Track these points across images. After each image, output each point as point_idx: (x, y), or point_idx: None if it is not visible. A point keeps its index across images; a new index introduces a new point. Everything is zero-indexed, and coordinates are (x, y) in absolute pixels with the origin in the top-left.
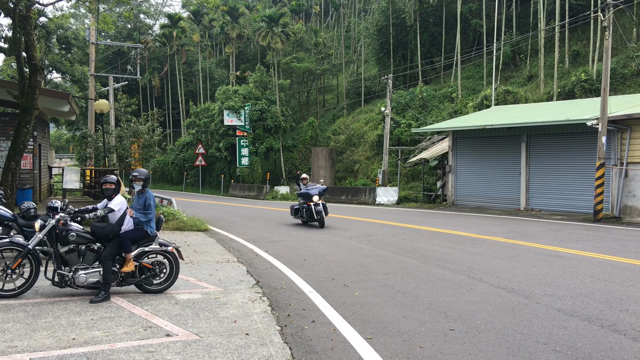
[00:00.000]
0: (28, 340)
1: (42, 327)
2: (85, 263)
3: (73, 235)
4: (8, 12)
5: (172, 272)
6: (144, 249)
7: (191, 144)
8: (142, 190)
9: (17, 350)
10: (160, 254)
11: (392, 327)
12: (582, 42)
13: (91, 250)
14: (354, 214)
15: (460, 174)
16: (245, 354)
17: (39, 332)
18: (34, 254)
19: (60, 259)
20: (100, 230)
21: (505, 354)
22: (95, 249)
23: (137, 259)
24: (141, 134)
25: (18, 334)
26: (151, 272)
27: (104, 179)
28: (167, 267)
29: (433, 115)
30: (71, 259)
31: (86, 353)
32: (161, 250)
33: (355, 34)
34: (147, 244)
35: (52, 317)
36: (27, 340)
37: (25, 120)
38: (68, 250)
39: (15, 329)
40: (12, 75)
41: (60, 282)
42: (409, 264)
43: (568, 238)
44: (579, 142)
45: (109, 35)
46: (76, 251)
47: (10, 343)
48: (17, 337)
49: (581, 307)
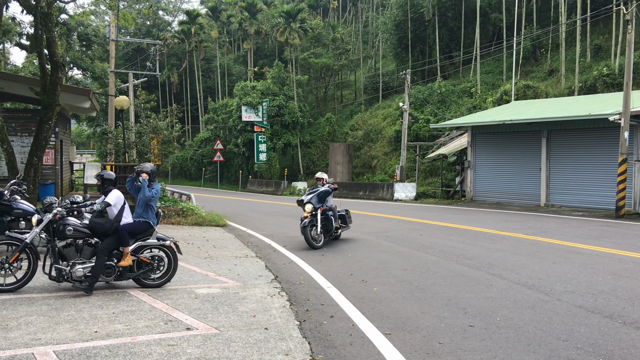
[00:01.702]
0: (51, 332)
1: (64, 320)
2: (83, 257)
3: (70, 230)
4: (30, 10)
5: (171, 267)
6: (142, 243)
7: (209, 139)
8: (149, 184)
9: (41, 342)
10: (158, 249)
11: (411, 322)
12: (604, 35)
13: (89, 245)
14: (371, 210)
15: (479, 169)
16: (265, 348)
17: (61, 325)
18: (31, 248)
19: (57, 253)
20: (99, 227)
21: (526, 350)
22: (93, 243)
23: (135, 253)
24: (160, 130)
25: (41, 326)
26: (149, 267)
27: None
28: (166, 261)
29: (452, 111)
30: (68, 254)
31: (108, 346)
32: (159, 245)
33: (373, 29)
34: (145, 238)
35: (74, 310)
36: (51, 332)
37: (47, 116)
38: (65, 245)
39: (39, 322)
40: (34, 72)
41: (58, 276)
42: (428, 260)
43: (589, 234)
44: (601, 138)
45: (129, 32)
46: (73, 245)
47: (34, 335)
48: (40, 329)
49: (603, 304)
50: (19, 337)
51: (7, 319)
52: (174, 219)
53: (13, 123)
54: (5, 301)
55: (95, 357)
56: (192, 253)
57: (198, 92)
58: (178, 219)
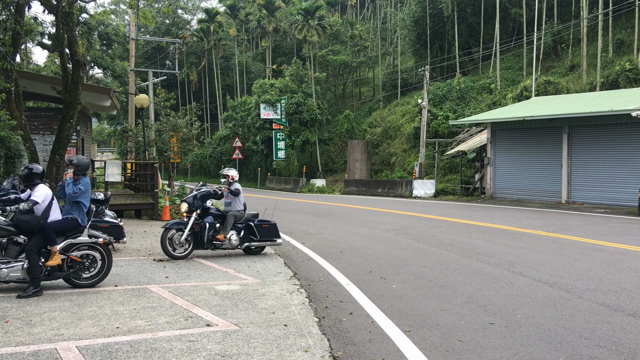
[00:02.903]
0: (74, 328)
1: (87, 315)
2: (8, 257)
3: None
4: (51, 9)
5: (104, 266)
6: (72, 241)
7: (228, 137)
8: (75, 178)
9: (64, 338)
10: (90, 247)
11: (431, 320)
12: (626, 30)
13: (14, 244)
14: (390, 207)
15: (499, 166)
16: (284, 344)
17: (84, 320)
18: None
19: None
20: (24, 224)
21: (547, 348)
22: (19, 242)
23: (65, 252)
24: (180, 127)
25: (64, 322)
26: (80, 266)
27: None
28: (99, 260)
29: (471, 107)
30: None
31: (130, 341)
32: (92, 243)
33: (392, 26)
34: (75, 236)
35: (96, 306)
36: (73, 328)
37: (69, 114)
38: None
39: (62, 318)
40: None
41: None
42: (447, 257)
43: (612, 232)
44: (624, 133)
45: (148, 31)
46: None
47: (57, 331)
48: (63, 325)
49: (626, 302)
50: (42, 332)
51: (30, 314)
52: None
53: (35, 122)
54: (28, 297)
55: (117, 353)
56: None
57: (217, 90)
58: None
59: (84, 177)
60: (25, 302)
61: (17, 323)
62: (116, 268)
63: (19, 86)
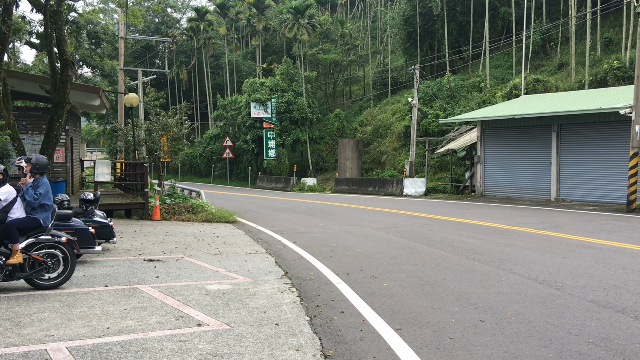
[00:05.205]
0: (64, 329)
1: (77, 316)
2: None
3: None
4: (40, 8)
5: (68, 266)
6: (34, 240)
7: (219, 136)
8: (34, 177)
9: (54, 339)
10: (53, 247)
11: (422, 318)
12: (614, 28)
13: None
14: (381, 205)
15: (489, 164)
16: (276, 343)
17: (74, 321)
18: None
19: None
20: None
21: (537, 345)
22: None
23: (27, 251)
24: (170, 127)
25: (54, 323)
26: (42, 266)
27: None
28: (62, 260)
29: (461, 106)
30: None
31: (120, 342)
32: (54, 242)
33: (382, 24)
34: (37, 235)
35: (86, 306)
36: (63, 329)
37: (58, 114)
38: None
39: (52, 318)
40: (44, 71)
41: None
42: (438, 255)
43: (600, 229)
44: (612, 131)
45: (138, 29)
46: None
47: (47, 332)
48: (53, 326)
49: (614, 298)
50: (32, 333)
51: (20, 315)
52: (184, 216)
53: (24, 121)
54: (18, 298)
55: (107, 353)
56: (203, 249)
57: (207, 89)
58: (188, 215)
59: (42, 177)
60: (14, 302)
61: (7, 324)
62: (106, 268)
63: (7, 85)
